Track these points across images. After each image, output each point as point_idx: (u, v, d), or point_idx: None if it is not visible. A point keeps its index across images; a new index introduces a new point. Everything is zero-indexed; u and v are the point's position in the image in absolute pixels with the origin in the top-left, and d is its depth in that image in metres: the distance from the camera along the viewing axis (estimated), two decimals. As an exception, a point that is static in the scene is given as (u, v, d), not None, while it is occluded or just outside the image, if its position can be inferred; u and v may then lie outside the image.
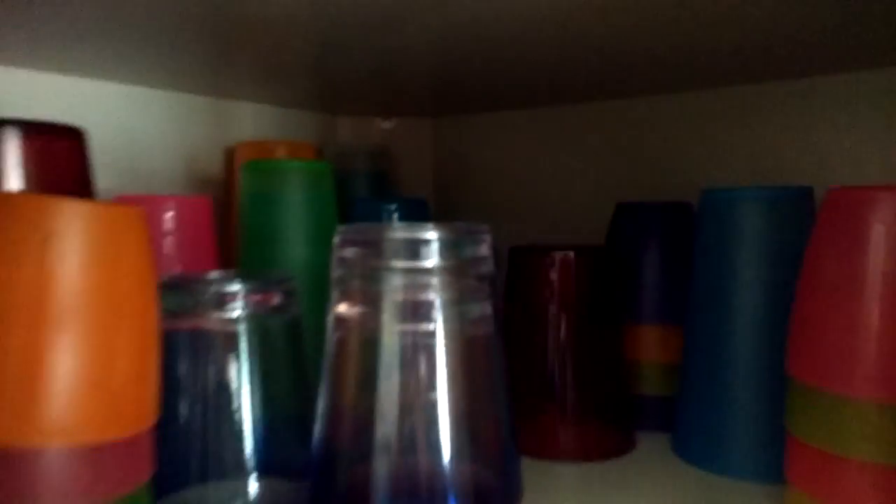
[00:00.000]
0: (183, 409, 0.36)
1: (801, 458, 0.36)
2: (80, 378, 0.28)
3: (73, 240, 0.28)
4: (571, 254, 0.49)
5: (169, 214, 0.51)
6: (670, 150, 0.67)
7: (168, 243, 0.51)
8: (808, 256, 0.36)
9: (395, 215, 0.62)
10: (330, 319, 0.34)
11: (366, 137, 0.82)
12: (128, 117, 0.62)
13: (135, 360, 0.30)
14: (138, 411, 0.30)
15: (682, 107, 0.66)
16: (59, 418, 0.27)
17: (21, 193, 0.36)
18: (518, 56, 0.52)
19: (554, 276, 0.50)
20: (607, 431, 0.51)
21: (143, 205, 0.49)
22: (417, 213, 0.64)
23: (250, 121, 0.72)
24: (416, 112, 0.83)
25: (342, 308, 0.34)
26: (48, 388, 0.27)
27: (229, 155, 0.68)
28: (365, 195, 0.76)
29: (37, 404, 0.27)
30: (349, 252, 0.33)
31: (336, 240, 0.34)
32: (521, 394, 0.50)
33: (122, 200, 0.50)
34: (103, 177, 0.52)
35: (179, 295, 0.37)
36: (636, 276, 0.55)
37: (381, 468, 0.32)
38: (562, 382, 0.50)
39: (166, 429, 0.34)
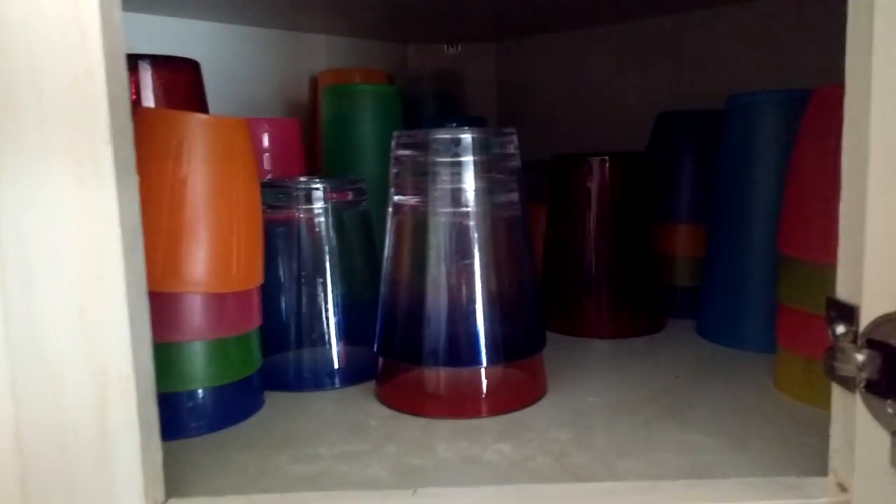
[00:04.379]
0: (282, 286, 0.46)
1: (786, 321, 0.43)
2: (207, 247, 0.38)
3: (199, 143, 0.38)
4: (605, 159, 0.56)
5: (265, 135, 0.61)
6: (715, 61, 0.71)
7: (265, 159, 0.61)
8: (796, 147, 0.41)
9: (458, 132, 0.70)
10: (389, 208, 0.43)
11: (434, 63, 0.89)
12: (228, 52, 0.72)
13: (245, 236, 0.40)
14: (247, 274, 0.40)
15: (715, 22, 0.69)
16: (192, 274, 0.38)
17: (160, 108, 0.47)
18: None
19: (590, 180, 0.56)
20: (638, 316, 0.58)
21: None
22: (478, 130, 0.71)
23: (330, 52, 0.81)
24: (479, 37, 0.89)
25: (398, 198, 0.42)
26: (186, 253, 0.38)
27: (313, 83, 0.78)
28: (433, 116, 0.83)
29: (178, 263, 0.38)
30: (402, 152, 0.42)
31: (392, 143, 0.43)
32: (562, 286, 0.58)
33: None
34: (211, 105, 0.63)
35: (276, 192, 0.46)
36: (670, 179, 0.60)
37: (430, 320, 0.41)
38: (598, 274, 0.57)
39: (270, 302, 0.44)
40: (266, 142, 0.61)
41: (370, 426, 0.39)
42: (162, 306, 0.38)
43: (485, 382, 0.41)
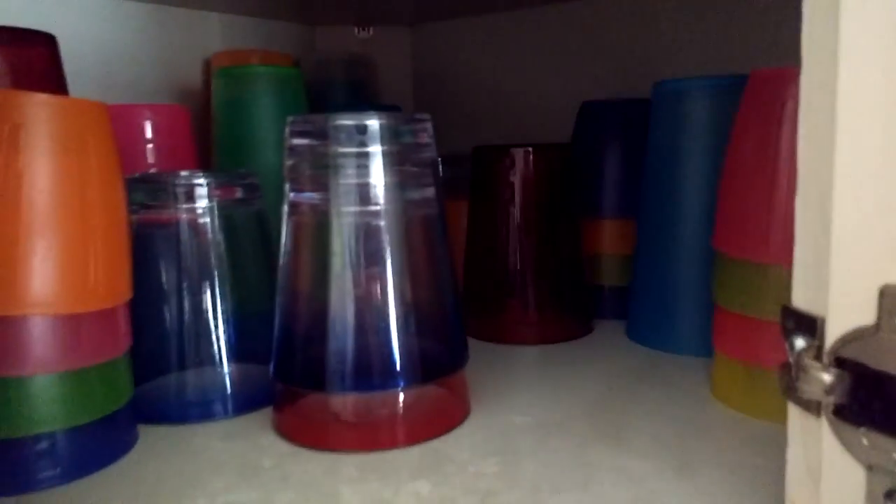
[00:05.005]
0: (158, 298, 0.40)
1: (724, 325, 0.40)
2: (53, 255, 0.31)
3: (39, 129, 0.31)
4: (529, 150, 0.52)
5: (147, 122, 0.53)
6: (636, 47, 0.68)
7: (148, 150, 0.54)
8: (732, 136, 0.38)
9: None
10: (284, 206, 0.37)
11: (344, 48, 0.83)
12: (103, 28, 0.63)
13: (104, 240, 0.33)
14: (109, 287, 0.33)
15: (642, 4, 0.66)
16: (36, 290, 0.31)
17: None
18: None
19: (512, 172, 0.52)
20: (565, 319, 0.54)
21: (122, 113, 0.51)
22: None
23: (228, 32, 0.73)
24: (392, 20, 0.83)
25: (294, 196, 0.36)
26: (25, 263, 0.30)
27: (207, 66, 0.70)
28: (343, 104, 0.77)
29: (15, 278, 0.30)
30: (298, 141, 0.36)
31: (287, 130, 0.36)
32: (485, 287, 0.54)
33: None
34: (83, 88, 0.54)
35: (149, 188, 0.39)
36: (596, 171, 0.57)
37: (334, 337, 0.35)
38: (522, 274, 0.53)
39: (142, 318, 0.37)
40: (149, 131, 0.53)
41: (263, 467, 0.33)
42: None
43: (400, 407, 0.36)
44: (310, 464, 0.33)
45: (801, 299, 0.25)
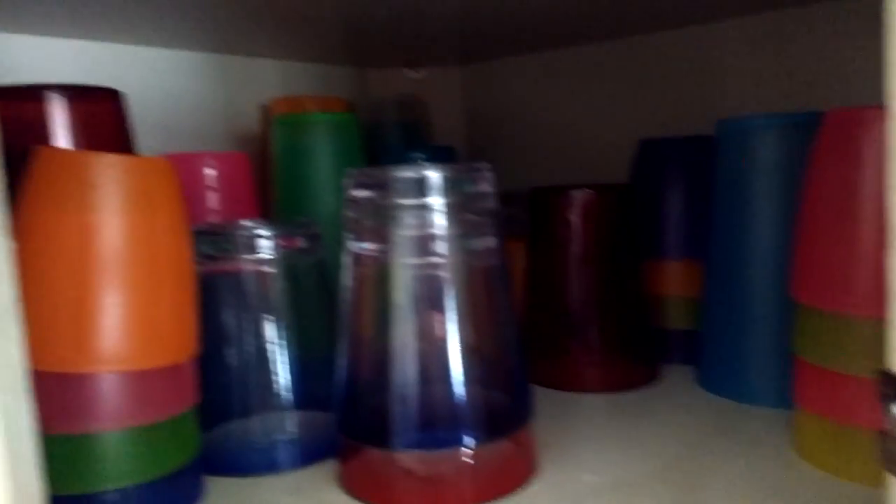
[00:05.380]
0: (223, 347, 0.40)
1: (806, 379, 0.37)
2: (124, 313, 0.31)
3: (110, 189, 0.31)
4: (590, 192, 0.51)
5: (210, 171, 0.54)
6: (693, 84, 0.66)
7: (210, 198, 0.54)
8: (807, 180, 0.36)
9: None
10: (346, 258, 0.37)
11: (396, 89, 0.84)
12: (166, 80, 0.65)
13: (173, 297, 0.33)
14: (178, 343, 0.34)
15: (702, 39, 0.65)
16: (107, 348, 0.31)
17: (63, 149, 0.40)
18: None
19: (573, 215, 0.51)
20: (631, 365, 0.52)
21: (184, 162, 0.52)
22: (446, 161, 0.65)
23: (284, 78, 0.75)
24: (443, 61, 0.84)
25: (357, 247, 0.36)
26: (96, 321, 0.31)
27: (264, 112, 0.71)
28: (397, 145, 0.78)
29: (87, 336, 0.31)
30: (359, 193, 0.36)
31: (347, 182, 0.36)
32: (547, 331, 0.53)
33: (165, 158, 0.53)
34: (147, 138, 0.56)
35: (214, 240, 0.40)
36: (659, 211, 0.55)
37: (399, 393, 0.34)
38: (585, 319, 0.51)
39: (209, 366, 0.37)
40: (212, 179, 0.54)
41: (329, 526, 0.32)
42: (69, 390, 0.31)
43: (468, 464, 0.35)
44: (376, 525, 0.32)
45: (903, 362, 0.23)
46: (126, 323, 0.31)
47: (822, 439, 0.36)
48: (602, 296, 0.51)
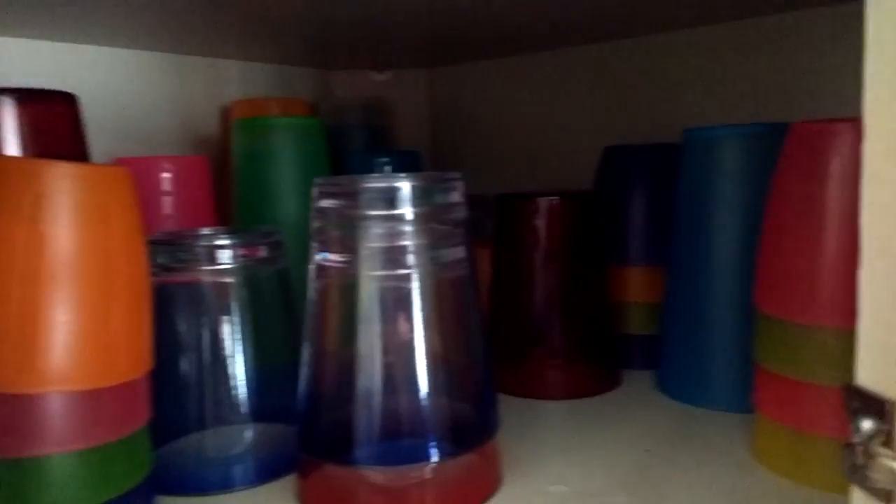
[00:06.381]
0: (179, 359, 0.39)
1: (766, 386, 0.38)
2: (75, 329, 0.30)
3: (62, 199, 0.30)
4: (555, 199, 0.51)
5: (166, 175, 0.53)
6: (658, 92, 0.67)
7: (166, 203, 0.53)
8: (771, 192, 0.37)
9: (388, 168, 0.63)
10: (311, 268, 0.36)
11: (360, 91, 0.83)
12: (120, 81, 0.63)
13: (126, 312, 0.32)
14: (132, 359, 0.32)
15: (668, 48, 0.66)
16: (56, 367, 0.30)
17: (12, 157, 0.38)
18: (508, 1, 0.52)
19: (538, 221, 0.51)
20: (593, 370, 0.52)
21: (139, 166, 0.51)
22: (411, 166, 0.65)
23: (243, 80, 0.73)
24: (410, 63, 0.83)
25: (321, 258, 0.35)
26: (45, 338, 0.29)
27: (225, 114, 0.70)
28: (361, 149, 0.77)
29: (35, 354, 0.29)
30: (327, 203, 0.35)
31: (314, 192, 0.36)
32: (510, 336, 0.53)
33: (119, 163, 0.51)
34: (100, 140, 0.54)
35: (171, 250, 0.39)
36: (622, 218, 0.56)
37: (363, 407, 0.34)
38: (548, 325, 0.51)
39: (164, 378, 0.36)
40: (168, 183, 0.53)
41: (290, 546, 0.32)
42: (14, 412, 0.29)
43: (432, 479, 0.34)
44: (340, 544, 0.32)
45: (868, 379, 0.24)
46: (76, 340, 0.30)
47: (781, 445, 0.37)
48: (565, 301, 0.52)
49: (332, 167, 0.57)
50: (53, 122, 0.41)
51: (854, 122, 0.32)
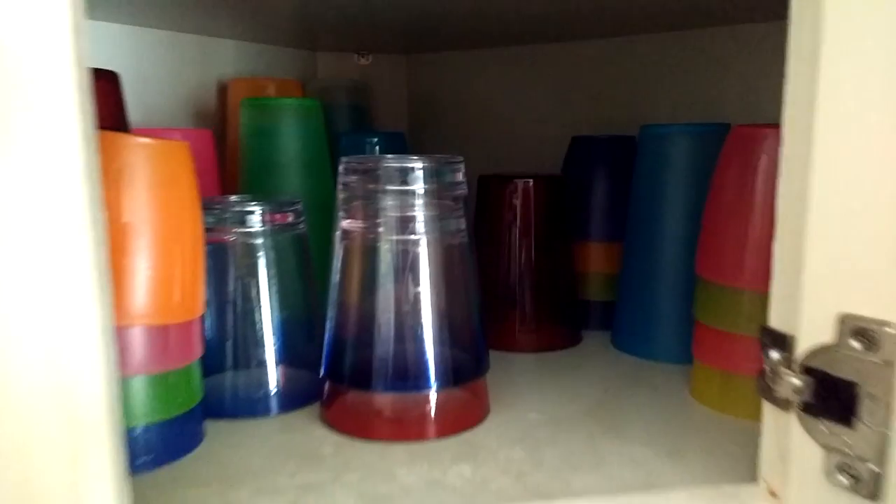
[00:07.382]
0: (216, 307, 0.45)
1: (703, 338, 0.47)
2: (152, 276, 0.36)
3: (141, 169, 0.36)
4: (531, 181, 0.58)
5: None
6: (621, 90, 0.76)
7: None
8: (713, 181, 0.46)
9: (376, 148, 0.70)
10: (337, 233, 0.43)
11: (344, 73, 0.88)
12: (129, 56, 0.67)
13: (190, 263, 0.38)
14: (192, 302, 0.39)
15: (632, 50, 0.74)
16: (138, 306, 0.36)
17: (102, 132, 0.43)
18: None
19: (516, 200, 0.59)
20: (559, 329, 0.61)
21: (153, 137, 0.56)
22: (396, 146, 0.71)
23: (239, 58, 0.78)
24: (391, 49, 0.89)
25: (347, 223, 0.42)
26: (131, 283, 0.36)
27: (222, 91, 0.75)
28: (345, 128, 0.83)
29: (121, 296, 0.35)
30: (351, 178, 0.42)
31: (341, 168, 0.42)
32: (489, 300, 0.60)
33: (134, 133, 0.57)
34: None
35: (214, 214, 0.45)
36: (586, 200, 0.64)
37: (380, 346, 0.41)
38: (521, 291, 0.59)
39: (205, 325, 0.42)
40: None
41: (325, 454, 0.39)
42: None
43: (435, 405, 0.42)
44: (364, 451, 0.39)
45: (777, 321, 0.32)
46: (152, 285, 0.36)
47: (713, 385, 0.46)
48: (536, 270, 0.60)
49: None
50: (99, 98, 0.46)
51: (780, 128, 0.41)
